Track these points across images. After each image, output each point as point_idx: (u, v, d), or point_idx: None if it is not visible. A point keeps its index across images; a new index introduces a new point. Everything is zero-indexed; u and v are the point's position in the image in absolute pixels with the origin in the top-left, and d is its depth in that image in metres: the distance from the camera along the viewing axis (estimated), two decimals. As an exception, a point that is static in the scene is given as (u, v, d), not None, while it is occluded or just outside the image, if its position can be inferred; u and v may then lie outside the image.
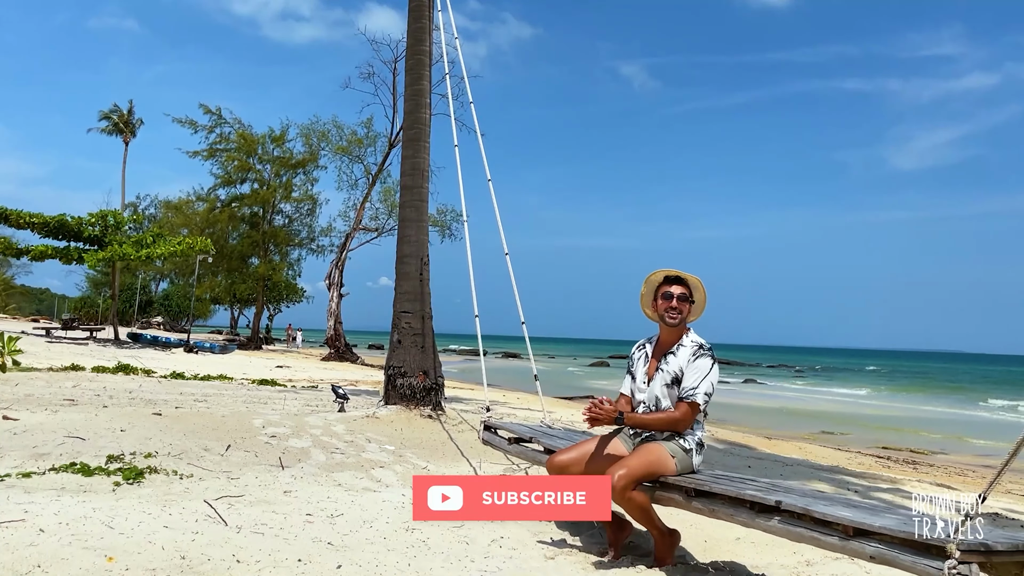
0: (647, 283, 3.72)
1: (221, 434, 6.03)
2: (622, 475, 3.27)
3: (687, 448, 3.49)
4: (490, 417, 5.38)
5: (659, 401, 3.55)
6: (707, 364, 3.48)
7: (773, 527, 2.93)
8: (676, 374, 3.52)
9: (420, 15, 8.90)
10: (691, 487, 3.31)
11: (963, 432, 18.74)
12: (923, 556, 2.42)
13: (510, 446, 4.82)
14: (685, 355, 3.53)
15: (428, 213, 9.01)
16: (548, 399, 16.45)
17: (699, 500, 3.28)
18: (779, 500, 2.90)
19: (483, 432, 5.21)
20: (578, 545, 3.80)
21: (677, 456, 3.45)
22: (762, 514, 2.98)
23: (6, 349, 10.07)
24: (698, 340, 3.58)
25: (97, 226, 24.91)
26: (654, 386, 3.57)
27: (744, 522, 3.09)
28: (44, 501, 3.67)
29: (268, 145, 35.82)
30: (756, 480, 3.48)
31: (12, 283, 54.37)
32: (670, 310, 3.57)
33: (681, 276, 3.64)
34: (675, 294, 3.58)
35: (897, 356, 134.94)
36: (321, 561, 3.17)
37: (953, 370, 71.25)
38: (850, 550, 2.65)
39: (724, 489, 3.16)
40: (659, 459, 3.41)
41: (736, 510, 3.10)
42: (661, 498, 3.48)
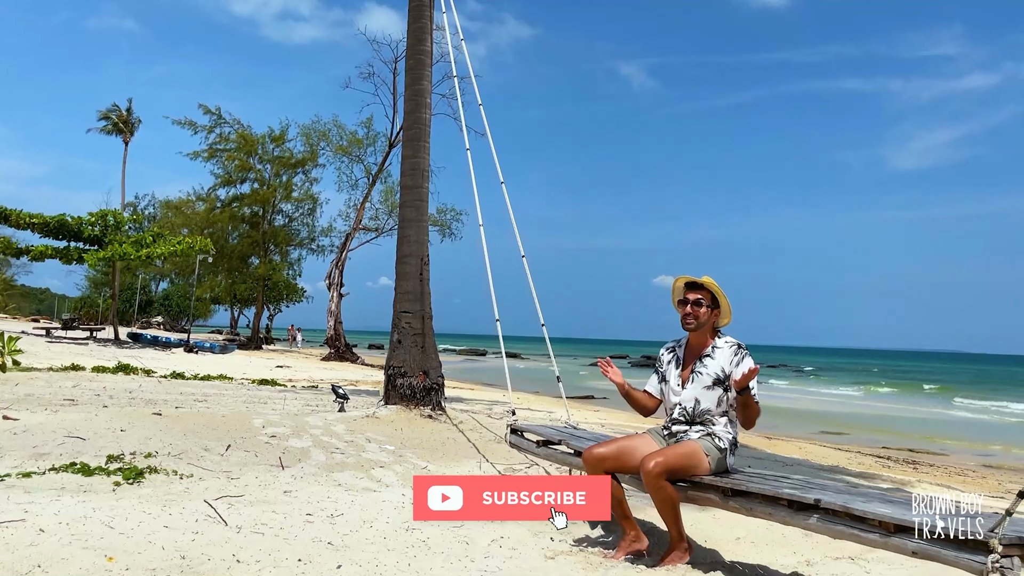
0: (673, 289, 3.82)
1: (221, 434, 6.04)
2: (658, 461, 3.35)
3: (722, 448, 3.54)
4: (516, 420, 5.41)
5: (698, 403, 3.62)
6: (751, 364, 3.57)
7: (813, 525, 2.96)
8: (718, 375, 3.59)
9: (420, 15, 8.90)
10: (728, 487, 3.34)
11: (963, 432, 18.74)
12: (966, 551, 2.46)
13: (538, 449, 4.83)
14: (726, 356, 3.60)
15: (428, 213, 9.01)
16: (547, 399, 16.47)
17: (736, 499, 3.31)
18: (818, 498, 2.92)
19: (510, 435, 5.25)
20: (578, 545, 3.80)
21: (711, 455, 3.50)
22: (801, 512, 3.01)
23: (6, 349, 10.07)
24: (733, 340, 3.66)
25: (97, 226, 24.92)
26: (691, 389, 3.64)
27: (783, 520, 3.12)
28: (44, 501, 3.67)
29: (268, 145, 35.84)
30: (789, 478, 3.52)
31: (12, 283, 54.38)
32: (686, 316, 3.68)
33: (696, 281, 3.70)
34: (690, 300, 3.67)
35: (897, 356, 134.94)
36: (321, 561, 3.17)
37: (953, 370, 71.24)
38: (892, 546, 2.69)
39: (761, 488, 3.18)
40: (695, 454, 3.47)
41: (774, 509, 3.13)
42: (697, 498, 3.50)
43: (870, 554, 4.06)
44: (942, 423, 21.11)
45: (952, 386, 41.27)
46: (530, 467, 6.02)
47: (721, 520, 4.49)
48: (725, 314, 3.74)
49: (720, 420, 3.60)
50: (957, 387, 40.38)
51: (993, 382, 49.21)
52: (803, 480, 3.46)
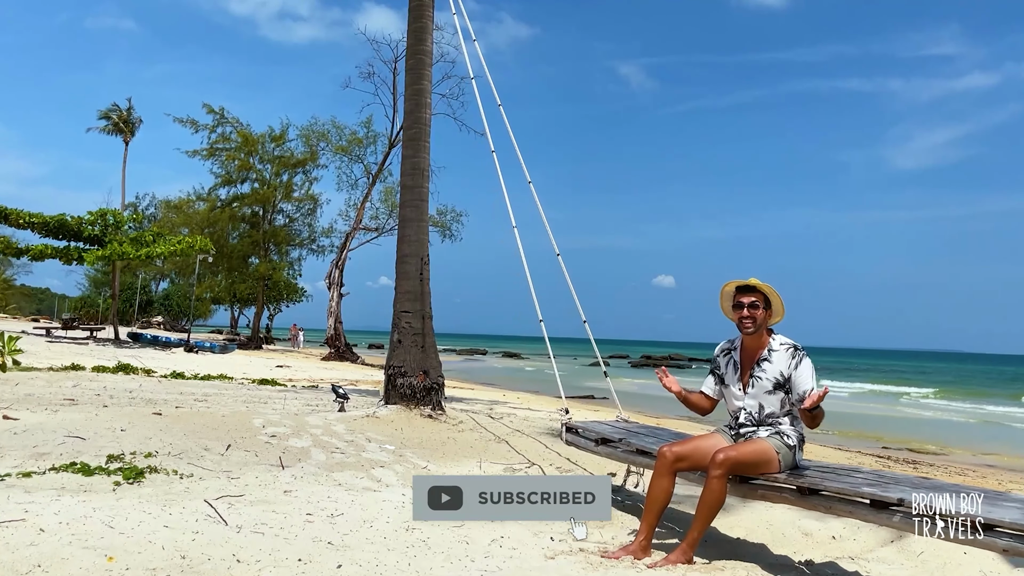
0: (723, 295, 3.85)
1: (221, 434, 6.04)
2: (730, 455, 3.41)
3: (791, 445, 3.58)
4: (571, 419, 5.54)
5: (762, 407, 3.67)
6: (809, 364, 3.61)
7: (896, 523, 2.99)
8: (778, 379, 3.63)
9: (421, 14, 8.90)
10: (805, 486, 3.36)
11: (963, 431, 18.75)
12: None
13: (597, 447, 4.87)
14: (783, 359, 3.64)
15: (428, 213, 9.01)
16: (547, 399, 16.47)
17: (813, 498, 3.33)
18: (901, 498, 2.94)
19: (565, 434, 5.37)
20: (578, 545, 3.80)
21: (781, 453, 3.54)
22: (883, 511, 3.03)
23: (6, 349, 10.07)
24: (788, 342, 3.69)
25: (97, 225, 24.92)
26: (753, 394, 3.69)
27: (863, 518, 3.14)
28: (44, 501, 3.67)
29: (268, 145, 35.84)
30: (860, 471, 3.57)
31: (12, 283, 54.39)
32: (743, 319, 3.70)
33: (751, 285, 3.73)
34: (745, 303, 3.70)
35: (897, 356, 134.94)
36: (321, 561, 3.17)
37: (953, 370, 71.25)
38: (981, 544, 2.72)
39: (839, 488, 3.20)
40: (765, 453, 3.50)
41: (854, 508, 3.15)
42: (771, 496, 3.53)
43: (870, 553, 4.06)
44: (942, 423, 21.11)
45: (952, 386, 41.27)
46: (530, 467, 6.02)
47: (721, 520, 4.49)
48: (777, 312, 3.78)
49: (785, 420, 3.65)
50: (957, 387, 40.38)
51: (994, 381, 49.19)
52: (874, 474, 3.50)
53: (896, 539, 4.22)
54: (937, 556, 3.94)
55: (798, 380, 3.58)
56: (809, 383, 3.56)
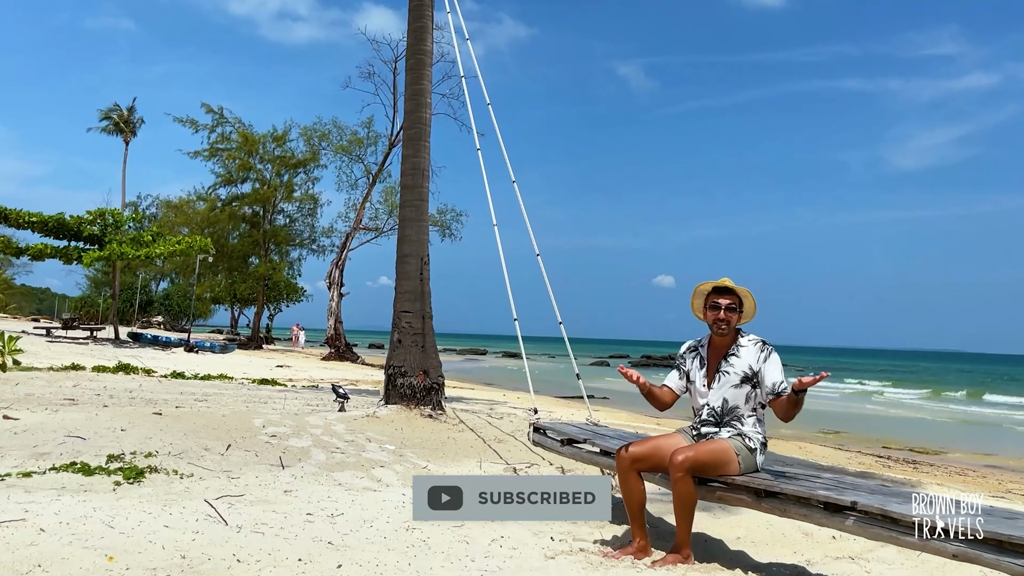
0: (696, 293, 3.82)
1: (221, 434, 6.04)
2: (688, 456, 3.37)
3: (752, 448, 3.56)
4: (539, 419, 5.45)
5: (726, 402, 3.65)
6: (778, 358, 3.62)
7: (849, 527, 2.97)
8: (746, 372, 3.62)
9: (421, 14, 8.90)
10: (761, 488, 3.34)
11: (963, 431, 18.75)
12: (1008, 554, 2.46)
13: (563, 447, 4.84)
14: (752, 353, 3.63)
15: (428, 213, 9.01)
16: (547, 399, 16.47)
17: (769, 500, 3.31)
18: (855, 501, 2.92)
19: (533, 434, 5.29)
20: (578, 544, 3.80)
21: (741, 455, 3.51)
22: (836, 514, 3.01)
23: (6, 349, 10.08)
24: (756, 337, 3.69)
25: (96, 225, 24.92)
26: (718, 388, 3.67)
27: (818, 521, 3.12)
28: (44, 501, 3.67)
29: (269, 144, 35.84)
30: (820, 476, 3.53)
31: (12, 283, 54.39)
32: (718, 321, 3.68)
33: (728, 287, 3.71)
34: (722, 305, 3.67)
35: (897, 355, 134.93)
36: (321, 561, 3.17)
37: (953, 369, 71.24)
38: (931, 548, 2.69)
39: (795, 490, 3.18)
40: (725, 454, 3.48)
41: (809, 510, 3.13)
42: (729, 498, 3.51)
43: (870, 553, 4.06)
44: (942, 422, 21.12)
45: (952, 386, 41.27)
46: (530, 467, 6.02)
47: (721, 520, 4.50)
48: (748, 314, 3.78)
49: (748, 420, 3.63)
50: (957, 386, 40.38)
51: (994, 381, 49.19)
52: (834, 479, 3.47)
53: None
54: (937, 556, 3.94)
55: (767, 373, 3.57)
56: (779, 376, 3.56)
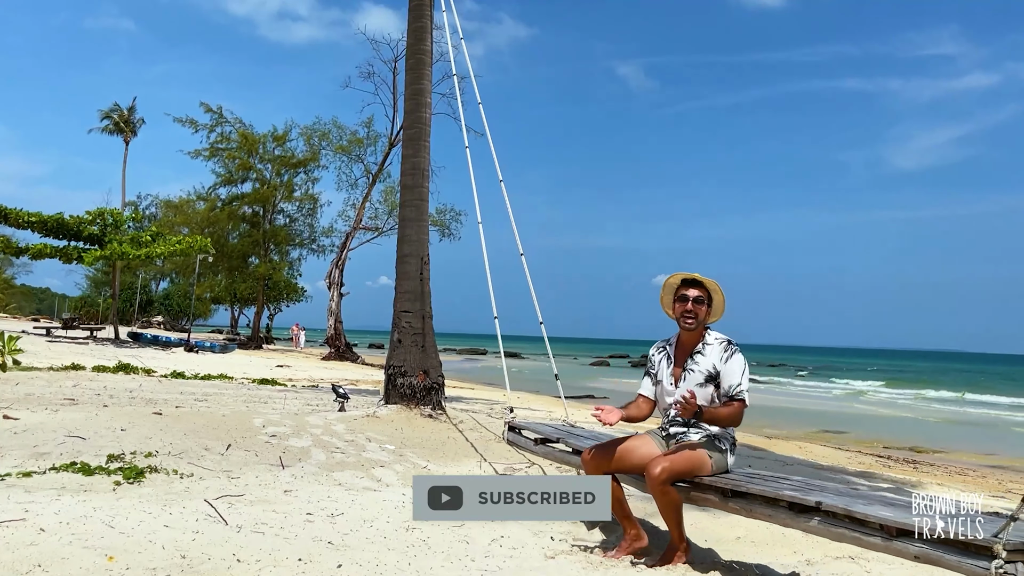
0: (665, 286, 3.77)
1: (221, 433, 6.04)
2: (665, 467, 3.33)
3: (722, 449, 3.54)
4: (514, 418, 5.43)
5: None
6: (741, 360, 3.54)
7: (813, 527, 2.95)
8: (709, 371, 3.56)
9: (421, 14, 8.90)
10: (728, 487, 3.33)
11: (964, 431, 18.75)
12: (969, 556, 2.43)
13: (536, 447, 4.83)
14: (716, 353, 3.58)
15: (428, 213, 9.01)
16: (547, 399, 16.46)
17: (736, 500, 3.30)
18: (819, 501, 2.90)
19: (507, 433, 5.27)
20: (578, 545, 3.80)
21: (714, 457, 3.50)
22: (802, 514, 3.00)
23: (6, 348, 10.08)
24: (722, 337, 3.63)
25: (96, 225, 24.92)
26: (686, 386, 3.61)
27: (783, 522, 3.10)
28: (44, 500, 3.67)
29: (269, 144, 35.85)
30: (789, 479, 3.50)
31: (12, 282, 54.40)
32: (686, 313, 3.61)
33: (697, 279, 3.66)
34: (690, 297, 3.62)
35: (897, 355, 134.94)
36: (321, 560, 3.17)
37: (954, 369, 71.24)
38: (893, 550, 2.67)
39: (761, 490, 3.17)
40: (699, 457, 3.45)
41: (774, 510, 3.12)
42: (697, 498, 3.49)
43: (870, 553, 4.05)
44: (942, 422, 21.11)
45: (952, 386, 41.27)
46: (530, 467, 6.02)
47: (721, 520, 4.49)
48: (717, 311, 3.71)
49: None
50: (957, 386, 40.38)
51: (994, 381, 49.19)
52: (803, 481, 3.44)
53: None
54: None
55: (726, 374, 3.52)
56: (736, 378, 3.49)
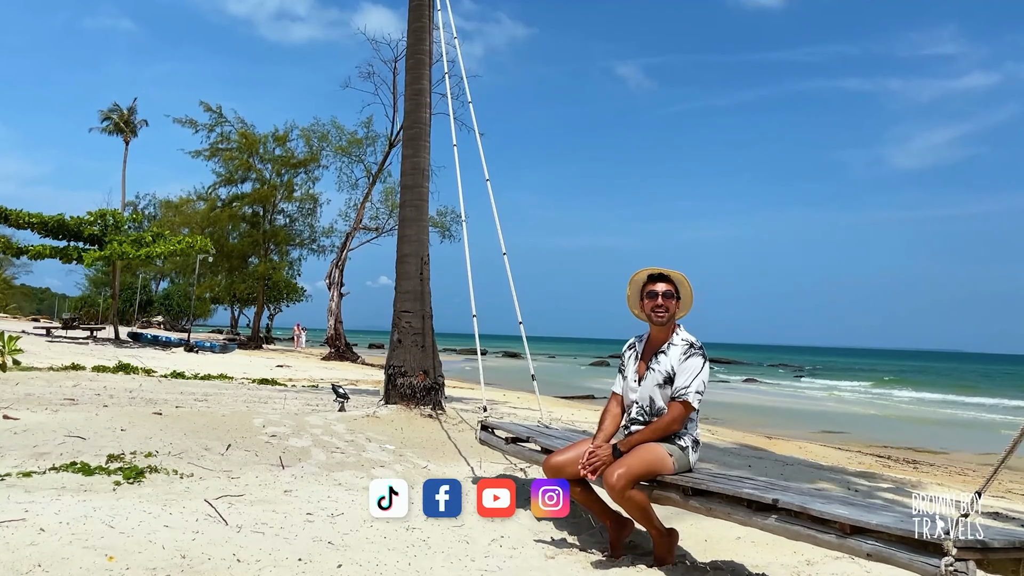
0: (631, 283, 3.72)
1: (221, 433, 6.04)
2: (621, 474, 3.26)
3: (683, 447, 3.48)
4: (488, 417, 5.41)
5: (652, 401, 3.55)
6: (698, 363, 3.47)
7: (770, 525, 2.93)
8: (668, 373, 3.50)
9: (420, 14, 8.90)
10: (688, 486, 3.30)
11: (964, 431, 18.76)
12: (920, 553, 2.42)
13: (507, 446, 4.83)
14: (676, 354, 3.51)
15: (428, 213, 9.01)
16: (547, 399, 16.45)
17: (696, 499, 3.27)
18: (776, 498, 2.89)
19: (480, 432, 5.23)
20: (578, 544, 3.80)
21: (675, 455, 3.44)
22: (759, 512, 2.98)
23: (6, 348, 10.08)
24: (688, 338, 3.56)
25: (97, 225, 24.93)
26: (646, 385, 3.57)
27: (741, 520, 3.08)
28: (44, 500, 3.67)
29: (270, 144, 35.86)
30: (754, 479, 3.47)
31: (12, 283, 54.40)
32: (656, 308, 3.56)
33: (664, 273, 3.62)
34: (660, 292, 3.56)
35: (897, 355, 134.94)
36: (321, 560, 3.17)
37: (953, 369, 71.26)
38: (847, 548, 2.65)
39: (721, 487, 3.15)
40: (657, 458, 3.39)
41: (733, 508, 3.10)
42: (659, 497, 3.46)
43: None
44: (942, 422, 21.11)
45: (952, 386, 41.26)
46: (531, 467, 6.02)
47: (721, 520, 4.49)
48: (685, 306, 3.67)
49: None
50: (957, 386, 40.37)
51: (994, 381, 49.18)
52: (767, 481, 3.42)
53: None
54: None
55: (678, 373, 3.46)
56: (685, 379, 3.44)
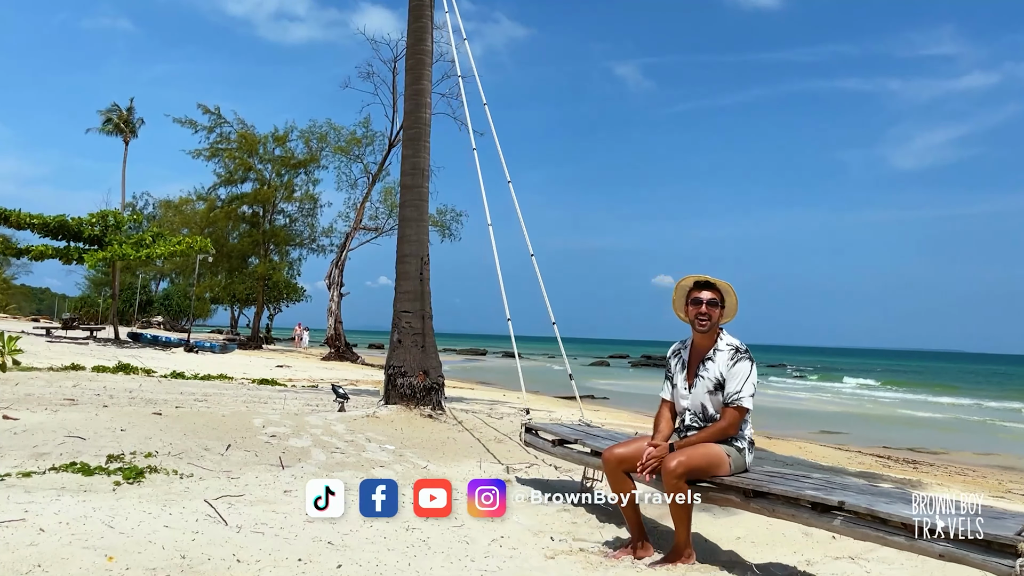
0: (678, 288, 3.79)
1: (221, 433, 6.04)
2: (681, 461, 3.35)
3: (740, 448, 3.56)
4: (530, 419, 5.46)
5: (704, 408, 3.62)
6: (746, 367, 3.54)
7: (836, 527, 2.96)
8: (717, 379, 3.57)
9: (420, 14, 8.90)
10: (750, 488, 3.33)
11: (964, 431, 18.75)
12: (993, 554, 2.46)
13: (554, 448, 4.83)
14: (723, 360, 3.58)
15: (428, 213, 9.01)
16: (548, 398, 16.47)
17: (758, 501, 3.30)
18: (842, 500, 2.91)
19: (524, 434, 5.28)
20: (578, 544, 3.80)
21: (732, 456, 3.51)
22: (824, 514, 3.00)
23: (6, 349, 10.08)
24: (733, 343, 3.62)
25: (97, 226, 24.93)
26: (696, 393, 3.64)
27: (806, 521, 3.11)
28: (44, 501, 3.67)
29: (270, 144, 35.87)
30: (810, 476, 3.52)
31: (12, 283, 54.41)
32: (700, 316, 3.63)
33: (711, 281, 3.67)
34: (704, 300, 3.63)
35: (897, 355, 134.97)
36: (321, 560, 3.17)
37: (953, 369, 71.26)
38: (918, 548, 2.69)
39: (783, 490, 3.17)
40: (716, 456, 3.46)
41: (797, 510, 3.12)
42: (718, 499, 3.50)
43: (870, 553, 4.06)
44: (942, 422, 21.11)
45: (952, 386, 41.28)
46: (530, 467, 6.02)
47: (721, 520, 4.49)
48: (730, 312, 3.73)
49: None
50: (957, 386, 40.39)
51: (993, 381, 49.20)
52: (823, 479, 3.46)
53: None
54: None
55: (728, 379, 3.52)
56: (736, 384, 3.50)
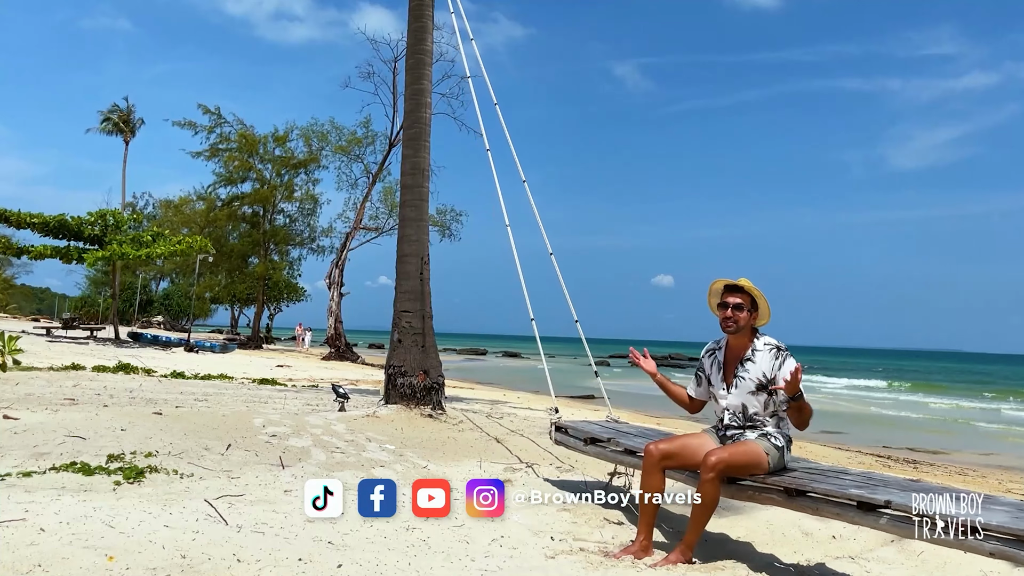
0: (711, 292, 3.85)
1: (221, 433, 6.04)
2: (722, 457, 3.40)
3: (779, 446, 3.57)
4: (560, 418, 5.51)
5: (745, 408, 3.65)
6: (793, 364, 3.57)
7: (883, 526, 2.97)
8: (761, 380, 3.61)
9: (421, 14, 8.90)
10: (792, 487, 3.34)
11: (964, 431, 18.75)
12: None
13: (586, 447, 4.85)
14: (767, 360, 3.62)
15: (428, 213, 9.02)
16: (548, 399, 16.47)
17: (800, 500, 3.31)
18: (888, 499, 2.93)
19: (555, 433, 5.35)
20: (578, 544, 3.80)
21: (771, 454, 3.53)
22: (870, 513, 3.01)
23: (6, 348, 10.08)
24: (772, 342, 3.66)
25: (97, 225, 24.94)
26: (736, 393, 3.67)
27: (850, 520, 3.12)
28: (44, 500, 3.67)
29: (270, 144, 35.87)
30: (847, 472, 3.53)
31: (12, 283, 54.41)
32: (726, 319, 3.69)
33: (739, 285, 3.70)
34: (730, 304, 3.68)
35: (897, 355, 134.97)
36: (321, 560, 3.17)
37: (953, 369, 71.26)
38: (968, 547, 2.71)
39: (827, 489, 3.18)
40: (756, 454, 3.49)
41: (842, 509, 3.13)
42: (759, 498, 3.51)
43: (870, 553, 4.06)
44: (941, 422, 21.11)
45: (952, 386, 41.27)
46: (530, 467, 6.02)
47: (721, 519, 4.49)
48: (764, 315, 3.75)
49: (771, 421, 3.65)
50: (957, 386, 40.38)
51: (993, 381, 49.20)
52: (862, 475, 3.48)
53: (896, 539, 4.22)
54: (937, 555, 3.94)
55: (780, 379, 3.55)
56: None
